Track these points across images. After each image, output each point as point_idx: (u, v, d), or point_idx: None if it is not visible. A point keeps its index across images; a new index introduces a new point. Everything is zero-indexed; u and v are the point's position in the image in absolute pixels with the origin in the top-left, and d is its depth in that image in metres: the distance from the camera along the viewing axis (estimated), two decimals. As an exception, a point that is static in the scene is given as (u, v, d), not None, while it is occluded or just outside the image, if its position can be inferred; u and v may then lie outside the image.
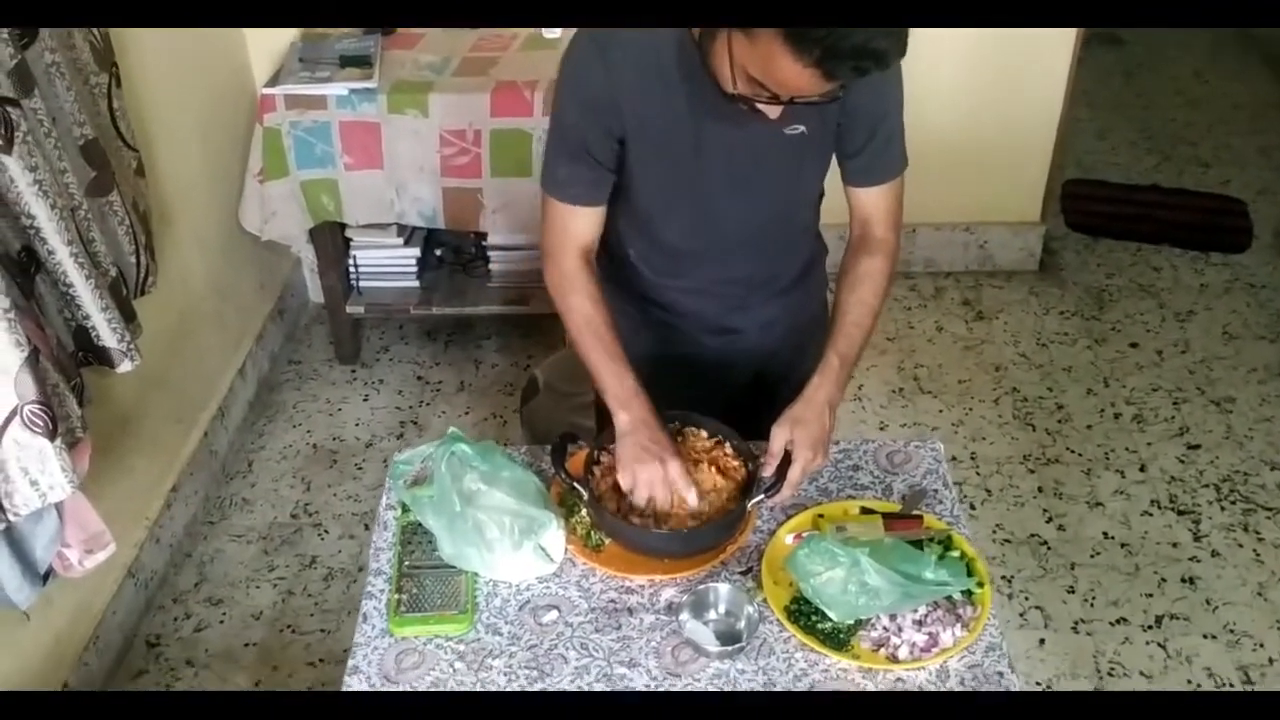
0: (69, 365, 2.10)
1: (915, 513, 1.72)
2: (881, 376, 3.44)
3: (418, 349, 3.60)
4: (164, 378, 2.86)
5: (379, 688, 1.51)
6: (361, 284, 3.44)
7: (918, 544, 1.63)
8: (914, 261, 3.85)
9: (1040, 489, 3.03)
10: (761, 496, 1.66)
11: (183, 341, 2.97)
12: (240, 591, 2.81)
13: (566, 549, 1.68)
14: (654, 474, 1.63)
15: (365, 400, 3.41)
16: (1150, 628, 2.63)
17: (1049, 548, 2.85)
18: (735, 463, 1.74)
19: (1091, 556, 2.82)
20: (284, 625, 2.73)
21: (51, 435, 1.88)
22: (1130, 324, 3.63)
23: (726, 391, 2.03)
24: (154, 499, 2.82)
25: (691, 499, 1.64)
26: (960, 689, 1.49)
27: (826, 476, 1.82)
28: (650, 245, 1.86)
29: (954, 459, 3.12)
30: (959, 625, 1.54)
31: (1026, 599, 2.71)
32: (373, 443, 3.25)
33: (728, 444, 1.76)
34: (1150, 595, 2.71)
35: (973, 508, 2.97)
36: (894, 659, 1.51)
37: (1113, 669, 2.54)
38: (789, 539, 1.68)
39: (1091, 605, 2.69)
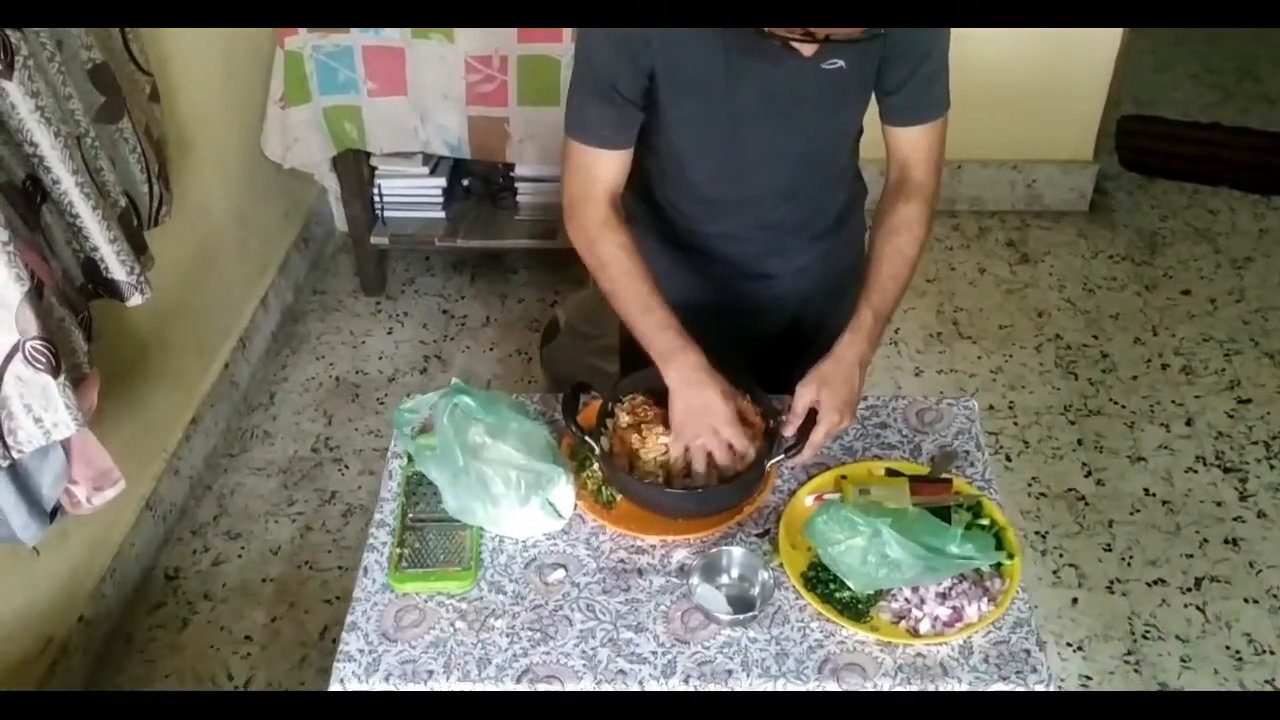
0: (76, 299, 2.05)
1: (944, 476, 1.63)
2: (919, 320, 3.33)
3: (444, 281, 3.53)
4: (184, 308, 2.81)
5: (376, 646, 1.46)
6: (386, 214, 3.36)
7: (945, 510, 1.55)
8: (958, 199, 3.71)
9: (1080, 442, 2.92)
10: (781, 457, 1.58)
11: (203, 271, 2.91)
12: (259, 526, 2.79)
13: (576, 505, 1.62)
14: (710, 442, 1.55)
15: (389, 333, 3.35)
16: (1189, 590, 2.54)
17: (1086, 503, 2.75)
18: (756, 418, 1.65)
19: (1131, 514, 2.72)
20: (301, 561, 2.70)
21: (55, 371, 1.83)
22: (1183, 270, 3.47)
23: (758, 340, 1.95)
24: (173, 431, 2.78)
25: (750, 456, 1.56)
26: (983, 666, 1.41)
27: (852, 435, 1.73)
28: (680, 187, 1.76)
29: (991, 408, 3.02)
30: (985, 599, 1.46)
31: (1060, 556, 2.63)
32: (395, 377, 3.20)
33: (749, 397, 1.67)
34: (1190, 556, 2.61)
35: (1008, 460, 2.87)
36: (915, 632, 1.44)
37: (1148, 631, 2.45)
38: (809, 501, 1.60)
39: (1128, 564, 2.60)
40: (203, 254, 2.90)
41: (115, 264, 2.10)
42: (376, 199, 3.33)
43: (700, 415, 1.56)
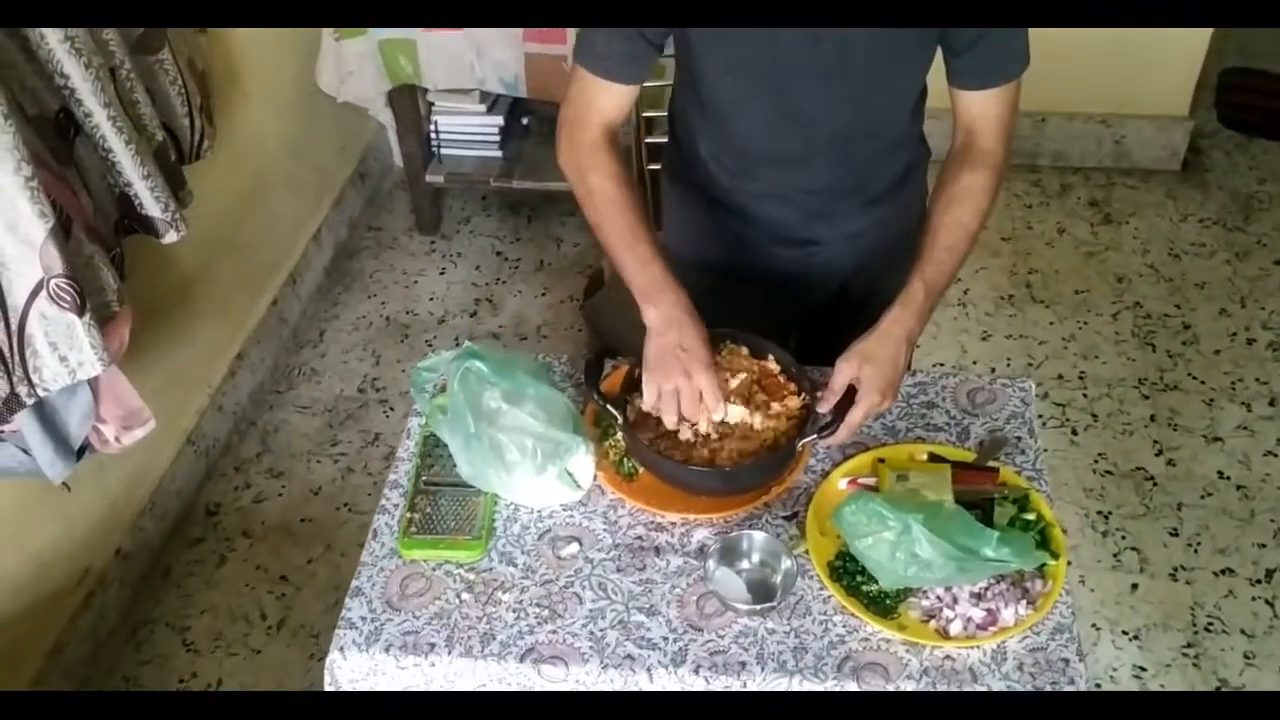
0: (108, 235, 2.01)
1: (991, 464, 1.52)
2: (990, 280, 3.17)
3: (499, 222, 3.45)
4: (231, 242, 2.78)
5: (379, 614, 1.41)
6: (443, 151, 3.29)
7: (989, 502, 1.44)
8: (1040, 154, 3.52)
9: (1153, 417, 2.76)
10: (815, 436, 1.48)
11: (252, 205, 2.87)
12: (301, 464, 2.77)
13: (596, 475, 1.54)
14: (681, 385, 1.45)
15: (442, 274, 3.29)
16: (1259, 581, 2.40)
17: (1155, 483, 2.61)
18: (792, 394, 1.55)
19: (1202, 497, 2.57)
20: (341, 503, 2.68)
21: (80, 310, 1.79)
22: (1279, 238, 3.25)
23: (804, 310, 1.84)
24: (217, 366, 2.77)
25: (718, 415, 1.46)
26: (1016, 674, 1.32)
27: (895, 413, 1.62)
28: (721, 141, 1.65)
29: (1060, 378, 2.87)
30: (1024, 602, 1.35)
31: (1123, 538, 2.49)
32: (445, 319, 3.15)
33: (778, 368, 1.57)
34: (1264, 545, 2.46)
35: (1074, 434, 2.73)
36: (944, 634, 1.34)
37: (1210, 623, 2.32)
38: (843, 484, 1.51)
39: (1195, 551, 2.46)
40: (252, 188, 2.86)
41: (149, 200, 2.06)
42: (433, 136, 3.25)
43: (675, 355, 1.45)
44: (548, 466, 1.47)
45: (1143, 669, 2.25)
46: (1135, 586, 2.40)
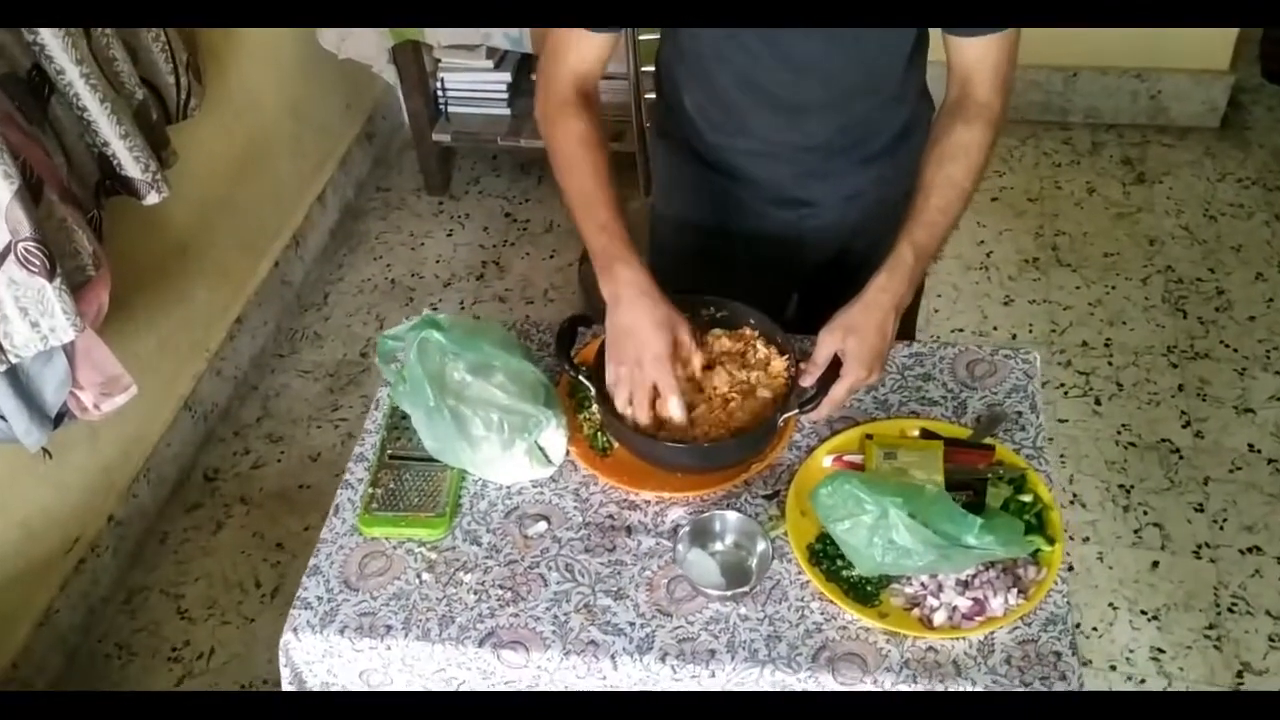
0: (85, 197, 1.95)
1: (987, 441, 1.42)
2: (1015, 243, 3.04)
3: (509, 183, 3.37)
4: (230, 204, 2.72)
5: (336, 594, 1.35)
6: (450, 110, 3.21)
7: (981, 482, 1.35)
8: (1071, 110, 3.37)
9: (1181, 387, 2.64)
10: (795, 411, 1.39)
11: (252, 166, 2.81)
12: (301, 430, 2.72)
13: (568, 451, 1.46)
14: (631, 373, 1.37)
15: (449, 235, 3.22)
16: (1288, 561, 2.29)
17: (1181, 456, 2.49)
18: (776, 363, 1.46)
19: (1230, 471, 2.45)
20: (341, 469, 2.59)
21: (49, 275, 1.74)
22: (1323, 198, 3.10)
23: (799, 276, 1.75)
24: (216, 330, 2.72)
25: (674, 412, 1.37)
26: (1004, 668, 1.23)
27: (888, 386, 1.53)
28: (706, 93, 1.56)
29: (1084, 344, 2.75)
30: (1015, 590, 1.27)
31: (1145, 514, 2.39)
32: (451, 282, 3.08)
33: (760, 338, 1.48)
34: (1294, 523, 2.35)
35: (1097, 403, 2.62)
36: (928, 623, 1.26)
37: (1235, 604, 2.22)
38: (828, 461, 1.42)
39: (1221, 528, 2.35)
40: (250, 149, 2.79)
41: (129, 160, 2.00)
42: (439, 93, 3.17)
43: (628, 337, 1.37)
44: (515, 441, 1.40)
45: (1161, 651, 2.16)
46: (1156, 564, 2.30)
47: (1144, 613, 2.22)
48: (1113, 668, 2.13)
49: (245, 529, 2.52)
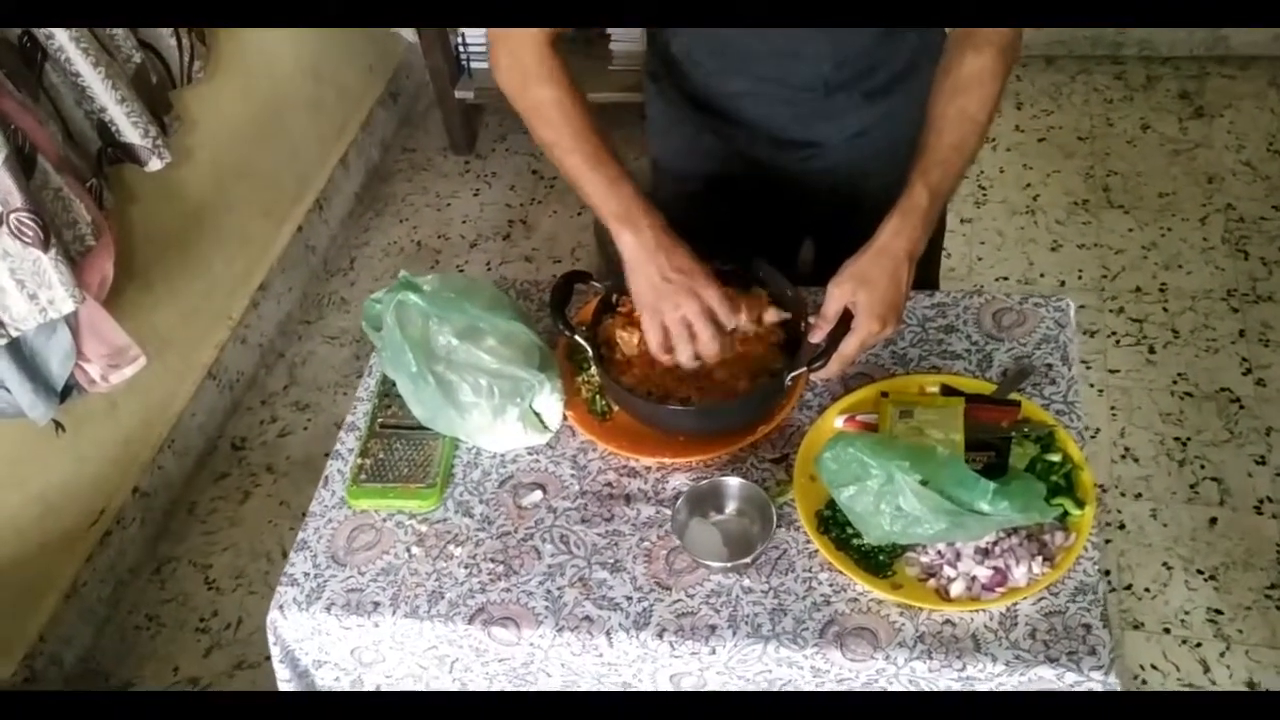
0: (81, 166, 1.91)
1: (1012, 397, 1.32)
2: (1063, 184, 2.89)
3: (536, 139, 3.27)
4: (248, 169, 2.67)
5: (323, 570, 1.30)
6: (472, 65, 3.12)
7: (1005, 441, 1.25)
8: (1124, 43, 3.19)
9: (1242, 333, 2.49)
10: (804, 369, 1.30)
11: (270, 130, 2.75)
12: (327, 397, 2.69)
13: (566, 415, 1.39)
14: (689, 309, 1.27)
15: (475, 195, 3.15)
16: (1357, 516, 2.15)
17: (1241, 406, 2.35)
18: (774, 316, 1.37)
19: (1295, 421, 2.31)
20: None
21: (44, 246, 1.70)
22: (1397, 127, 2.90)
23: (808, 224, 1.65)
24: (238, 298, 2.68)
25: (732, 324, 1.29)
26: (1027, 643, 1.14)
27: (908, 339, 1.43)
28: (696, 34, 1.45)
29: (1138, 289, 2.61)
30: (1040, 559, 1.17)
31: (1202, 467, 2.26)
32: (478, 243, 3.01)
33: (768, 292, 1.39)
34: (1364, 475, 2.21)
35: (1151, 351, 2.48)
36: (944, 595, 1.17)
37: (1299, 562, 2.09)
38: (839, 422, 1.33)
39: (1285, 482, 2.22)
40: (268, 112, 2.74)
41: (127, 126, 1.95)
42: (460, 49, 3.08)
43: (674, 280, 1.27)
44: (507, 407, 1.32)
45: (1219, 612, 2.04)
46: (1214, 521, 2.17)
47: (1200, 572, 2.10)
48: (1166, 630, 2.02)
49: (272, 498, 2.50)
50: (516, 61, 1.34)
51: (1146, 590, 2.08)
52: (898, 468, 1.09)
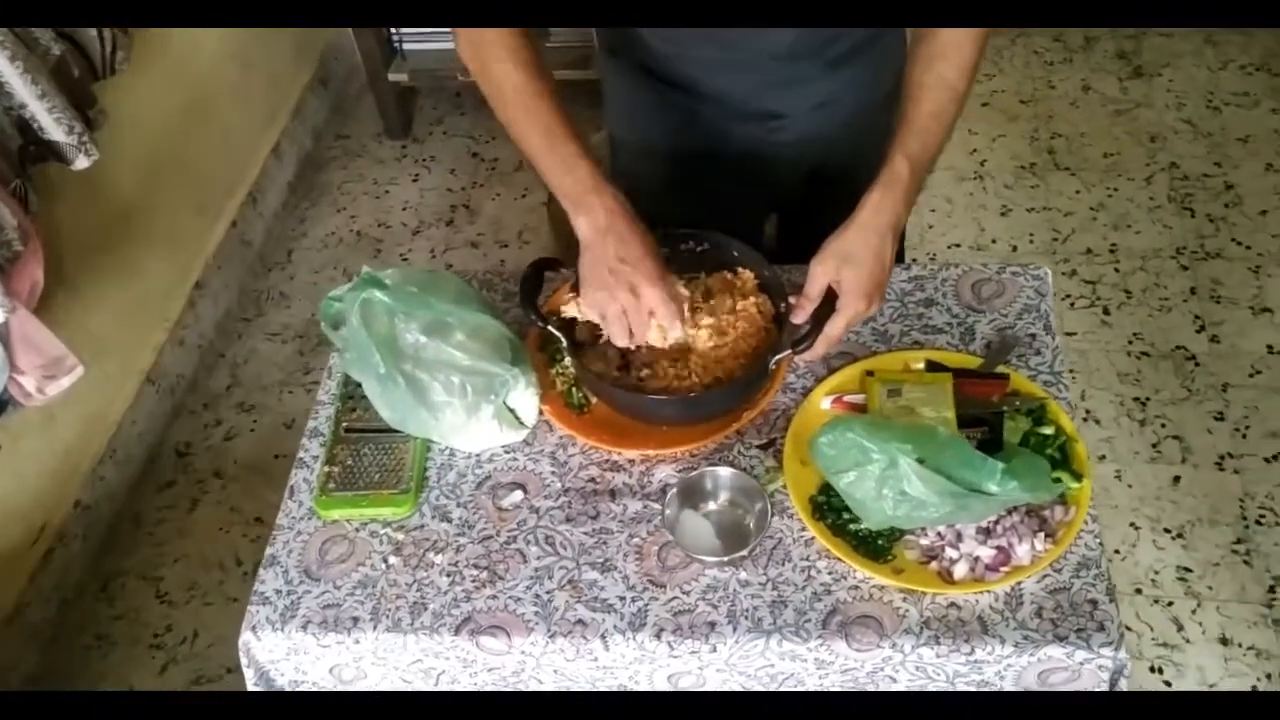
0: (7, 167, 1.80)
1: (1000, 370, 1.29)
2: (1009, 149, 2.89)
3: (474, 121, 3.20)
4: (177, 163, 2.56)
5: (296, 586, 1.23)
6: (405, 47, 3.03)
7: (997, 416, 1.22)
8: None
9: (1193, 290, 2.51)
10: (788, 351, 1.25)
11: (197, 121, 2.64)
12: (273, 397, 2.59)
13: (542, 410, 1.33)
14: (627, 303, 1.21)
15: (415, 180, 3.06)
16: (1316, 466, 2.17)
17: (1197, 363, 2.37)
18: (759, 299, 1.33)
19: (1250, 376, 2.33)
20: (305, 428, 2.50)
21: (-33, 254, 1.60)
22: (1332, 80, 2.94)
23: (773, 198, 1.60)
24: (174, 298, 2.57)
25: (674, 333, 1.24)
26: (1034, 621, 1.11)
27: (888, 315, 1.40)
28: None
29: (1089, 251, 2.62)
30: (1042, 535, 1.14)
31: (1163, 426, 2.27)
32: (420, 229, 2.93)
33: (750, 270, 1.35)
34: (1320, 426, 2.24)
35: (1106, 313, 2.48)
36: (948, 577, 1.14)
37: (1262, 515, 2.11)
38: (826, 403, 1.29)
39: (1243, 436, 2.23)
40: (194, 102, 2.62)
41: (50, 123, 1.84)
42: (392, 30, 2.99)
43: (615, 270, 1.22)
44: (481, 405, 1.26)
45: (1188, 570, 2.05)
46: (1178, 479, 2.18)
47: (1167, 531, 2.11)
48: (1138, 591, 2.03)
49: (222, 505, 2.41)
50: (476, 38, 1.28)
51: (1116, 552, 2.08)
52: (900, 450, 1.05)
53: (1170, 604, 2.01)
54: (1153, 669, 1.93)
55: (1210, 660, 1.94)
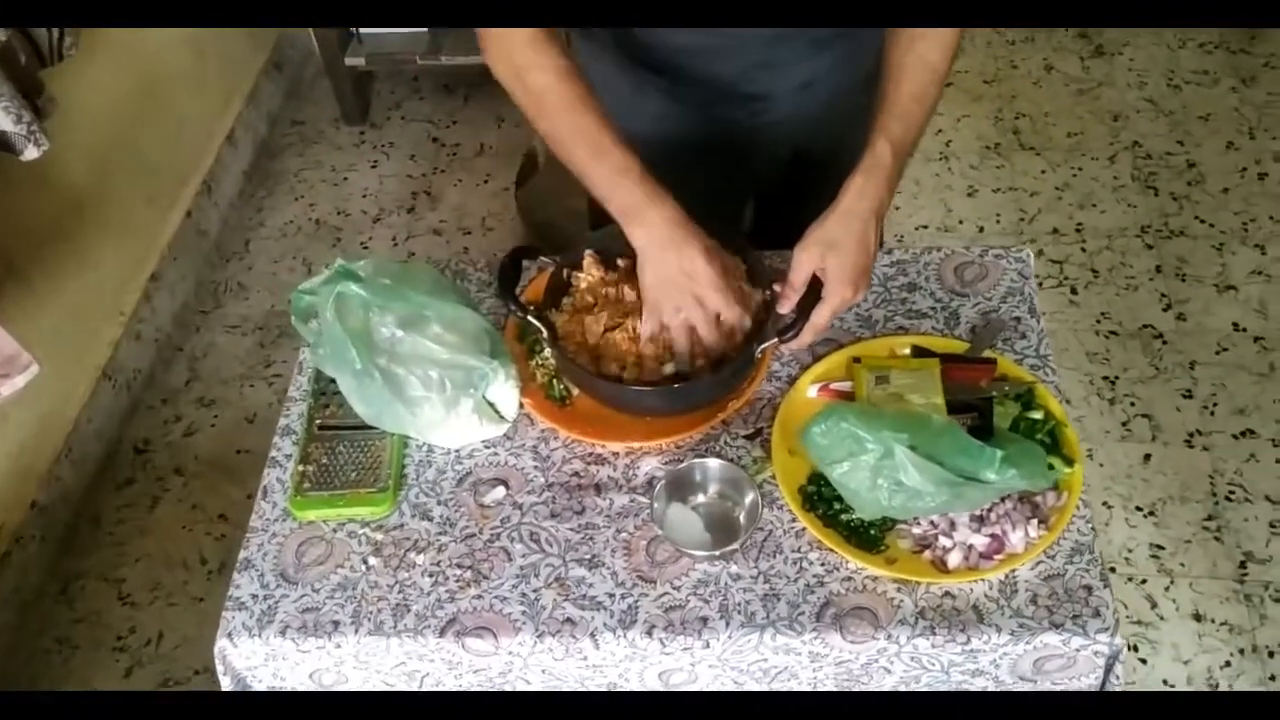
0: (-51, 156, 1.73)
1: (987, 355, 1.28)
2: (974, 129, 2.89)
3: (433, 106, 3.14)
4: (128, 152, 2.49)
5: (273, 590, 1.19)
6: (362, 30, 2.96)
7: (987, 402, 1.21)
8: (1023, -16, 3.18)
9: (1159, 268, 2.52)
10: (774, 340, 1.23)
11: (149, 108, 2.56)
12: (233, 391, 2.53)
13: (522, 403, 1.30)
14: (693, 315, 1.21)
15: (374, 167, 3.00)
16: (1283, 442, 2.19)
17: (1164, 341, 2.38)
18: (746, 286, 1.30)
19: (1217, 353, 2.34)
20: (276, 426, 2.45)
21: (-86, 249, 1.53)
22: (1289, 57, 2.96)
23: (753, 182, 1.58)
24: (129, 291, 2.50)
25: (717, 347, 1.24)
26: (1030, 609, 1.10)
27: (871, 300, 1.38)
28: None
29: (1055, 231, 2.62)
30: (1035, 521, 1.13)
31: (1132, 405, 2.28)
32: (380, 217, 2.87)
33: (740, 259, 1.32)
34: (1286, 402, 2.25)
35: (1074, 293, 2.49)
36: (941, 566, 1.12)
37: (1232, 492, 2.12)
38: (813, 391, 1.27)
39: (1212, 413, 2.25)
40: (145, 89, 2.55)
41: (-3, 111, 1.77)
42: (348, 13, 2.92)
43: (678, 283, 1.21)
44: (460, 399, 1.23)
45: (1160, 547, 2.06)
46: (1148, 457, 2.19)
47: (1139, 509, 2.12)
48: (1112, 569, 2.04)
49: (183, 502, 2.35)
50: (507, 46, 1.24)
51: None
52: (895, 440, 1.03)
53: (1144, 581, 2.02)
54: (1129, 647, 1.94)
55: (1184, 637, 1.95)
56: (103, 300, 2.42)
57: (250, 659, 1.18)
